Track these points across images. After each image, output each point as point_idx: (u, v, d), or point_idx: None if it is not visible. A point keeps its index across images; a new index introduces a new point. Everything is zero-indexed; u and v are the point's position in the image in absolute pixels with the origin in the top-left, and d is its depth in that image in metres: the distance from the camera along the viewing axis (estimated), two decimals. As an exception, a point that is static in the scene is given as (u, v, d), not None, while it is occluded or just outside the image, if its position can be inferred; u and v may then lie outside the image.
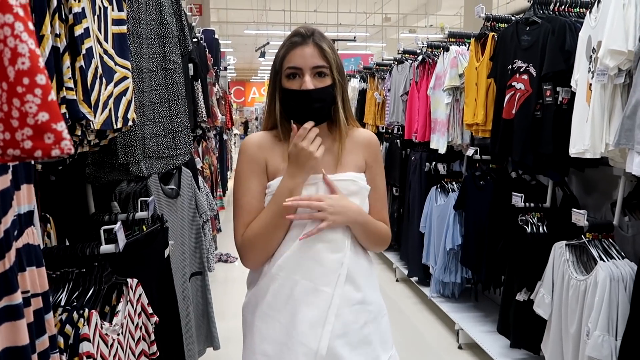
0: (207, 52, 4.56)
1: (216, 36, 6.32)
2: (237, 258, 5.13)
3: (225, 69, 8.71)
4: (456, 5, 12.29)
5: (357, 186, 1.29)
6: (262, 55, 12.81)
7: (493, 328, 2.97)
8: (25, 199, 0.79)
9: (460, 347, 3.18)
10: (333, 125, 1.30)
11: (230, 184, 9.32)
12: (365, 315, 1.26)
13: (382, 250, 1.41)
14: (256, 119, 24.30)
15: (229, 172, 8.73)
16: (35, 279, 0.77)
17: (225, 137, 7.36)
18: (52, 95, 0.51)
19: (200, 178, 3.44)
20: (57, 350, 0.87)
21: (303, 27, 1.28)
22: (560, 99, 2.32)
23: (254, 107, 26.15)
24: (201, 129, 3.83)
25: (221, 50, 7.76)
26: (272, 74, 1.28)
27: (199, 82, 3.24)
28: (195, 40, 3.43)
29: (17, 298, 0.64)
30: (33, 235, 0.80)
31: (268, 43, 12.56)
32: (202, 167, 3.98)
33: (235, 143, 12.65)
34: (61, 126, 0.52)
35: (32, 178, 0.83)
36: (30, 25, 0.50)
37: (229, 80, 12.92)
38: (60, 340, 1.05)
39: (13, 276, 0.64)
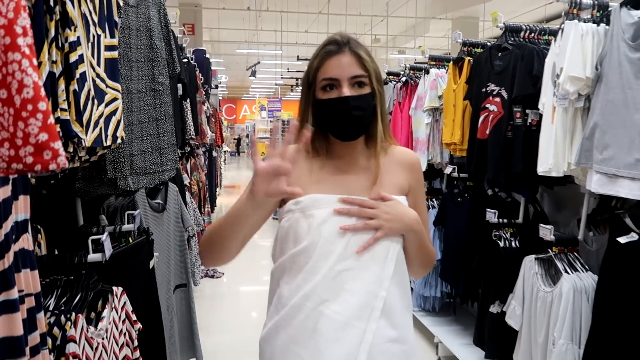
0: (198, 71, 4.70)
1: (207, 55, 6.46)
2: (223, 273, 5.21)
3: (217, 87, 8.85)
4: (444, 28, 12.61)
5: None
6: (253, 74, 12.98)
7: (471, 341, 3.06)
8: (22, 209, 0.88)
9: (439, 360, 3.27)
10: (370, 140, 1.19)
11: (220, 200, 9.38)
12: (398, 357, 1.12)
13: (424, 276, 1.26)
14: (247, 136, 24.49)
15: (218, 189, 8.80)
16: (29, 280, 0.86)
17: (215, 154, 7.45)
18: (51, 119, 0.61)
19: (187, 194, 3.53)
20: (47, 346, 0.96)
21: (339, 34, 1.17)
22: (529, 120, 2.46)
23: (245, 124, 26.35)
24: (189, 146, 3.93)
25: (213, 68, 7.91)
26: (305, 87, 1.17)
27: (188, 101, 3.35)
28: (185, 60, 3.55)
29: (14, 294, 0.73)
30: (28, 242, 0.89)
31: (259, 62, 12.75)
32: (189, 183, 4.06)
33: (225, 160, 12.72)
34: (58, 145, 0.62)
35: (29, 190, 0.92)
36: (35, 61, 0.61)
37: (220, 97, 13.06)
38: (48, 341, 1.13)
39: (11, 274, 0.73)
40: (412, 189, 1.21)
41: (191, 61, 4.03)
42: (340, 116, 1.11)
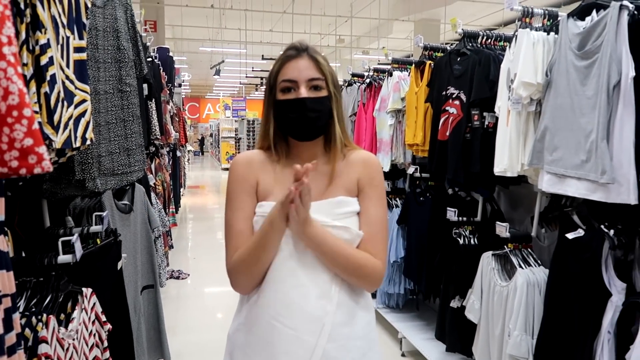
0: (161, 70, 4.65)
1: (170, 54, 6.39)
2: (188, 275, 5.18)
3: (180, 85, 8.74)
4: (407, 30, 12.85)
5: (349, 234, 1.19)
6: (217, 73, 12.87)
7: (433, 335, 3.17)
8: (-3, 211, 0.89)
9: (403, 355, 3.37)
10: (328, 143, 1.24)
11: (184, 200, 9.27)
12: (352, 352, 1.17)
13: (371, 290, 1.27)
14: (211, 135, 24.22)
15: (182, 189, 8.69)
16: (5, 281, 0.88)
17: (178, 153, 7.37)
18: (36, 125, 0.64)
19: (152, 194, 3.51)
20: (22, 346, 0.97)
21: (298, 41, 1.24)
22: (486, 123, 2.58)
23: (208, 123, 26.04)
24: (154, 146, 3.90)
25: (176, 66, 7.81)
26: (267, 91, 1.24)
27: (153, 101, 3.33)
28: (149, 59, 3.53)
29: (-6, 294, 0.75)
30: (3, 243, 0.91)
31: (223, 61, 12.65)
32: (154, 183, 4.03)
33: (189, 160, 12.56)
34: (42, 149, 0.65)
35: (3, 192, 0.93)
36: (19, 69, 0.63)
37: (184, 96, 12.88)
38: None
39: (-10, 275, 0.75)
40: (361, 188, 1.23)
41: (155, 60, 3.99)
42: (297, 116, 1.17)
